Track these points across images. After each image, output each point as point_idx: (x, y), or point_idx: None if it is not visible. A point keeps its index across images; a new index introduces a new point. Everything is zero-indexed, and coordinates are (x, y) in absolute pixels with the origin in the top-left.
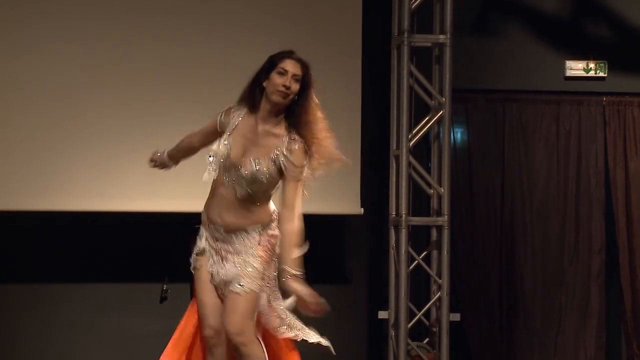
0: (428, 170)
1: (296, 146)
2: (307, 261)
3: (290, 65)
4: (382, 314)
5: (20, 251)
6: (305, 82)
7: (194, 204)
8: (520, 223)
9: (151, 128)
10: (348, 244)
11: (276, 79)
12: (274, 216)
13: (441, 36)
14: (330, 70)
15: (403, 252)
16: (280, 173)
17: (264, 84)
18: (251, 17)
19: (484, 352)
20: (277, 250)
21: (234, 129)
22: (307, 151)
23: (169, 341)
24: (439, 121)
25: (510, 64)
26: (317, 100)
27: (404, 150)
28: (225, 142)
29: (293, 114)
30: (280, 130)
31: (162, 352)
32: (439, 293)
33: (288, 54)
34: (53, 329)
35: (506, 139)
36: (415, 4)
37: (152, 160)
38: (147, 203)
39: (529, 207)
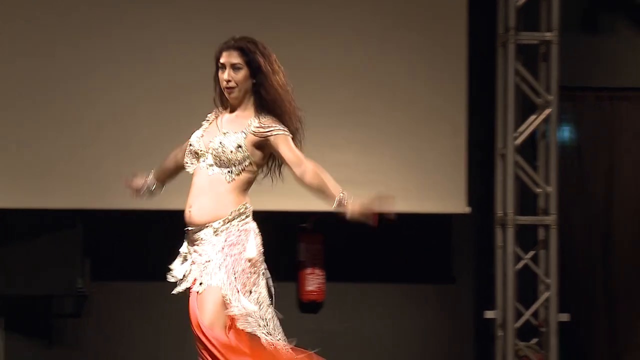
0: (535, 169)
1: (265, 118)
2: (414, 260)
3: (224, 57)
4: (489, 314)
5: (130, 249)
6: (253, 63)
7: (297, 202)
8: (629, 222)
9: None
10: (454, 243)
11: (220, 76)
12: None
13: (548, 33)
14: (435, 68)
15: (510, 251)
16: (257, 149)
17: None
18: (352, 19)
19: (594, 352)
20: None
21: (209, 122)
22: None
23: None
24: (546, 119)
25: (619, 61)
26: (276, 72)
27: (510, 148)
28: (199, 131)
29: (257, 98)
30: (249, 113)
31: None
32: (547, 293)
33: (223, 45)
34: (160, 327)
35: (615, 137)
36: (522, 1)
37: (136, 190)
38: (251, 202)
39: (637, 206)
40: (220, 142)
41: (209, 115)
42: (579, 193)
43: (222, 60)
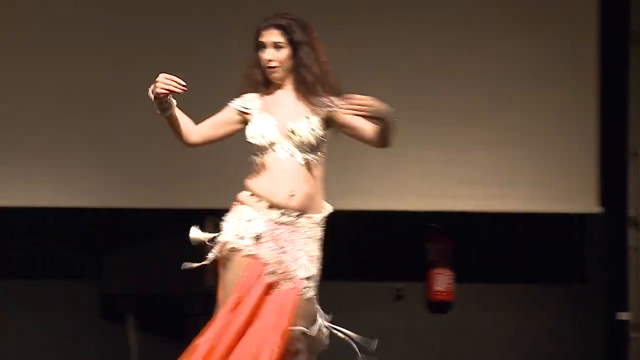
0: None
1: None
2: (544, 260)
3: (265, 36)
4: (622, 315)
5: None
6: (294, 42)
7: (426, 202)
8: None
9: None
10: (586, 243)
11: (262, 57)
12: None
13: None
14: (565, 67)
15: None
16: (325, 124)
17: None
18: (481, 18)
19: None
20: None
21: (260, 108)
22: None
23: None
24: None
25: None
26: (317, 50)
27: None
28: (270, 121)
29: (297, 76)
30: (294, 91)
31: (394, 350)
32: None
33: (263, 24)
34: None
35: None
36: None
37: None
38: (380, 202)
39: None
40: (311, 128)
41: (247, 99)
42: None
43: (262, 40)
